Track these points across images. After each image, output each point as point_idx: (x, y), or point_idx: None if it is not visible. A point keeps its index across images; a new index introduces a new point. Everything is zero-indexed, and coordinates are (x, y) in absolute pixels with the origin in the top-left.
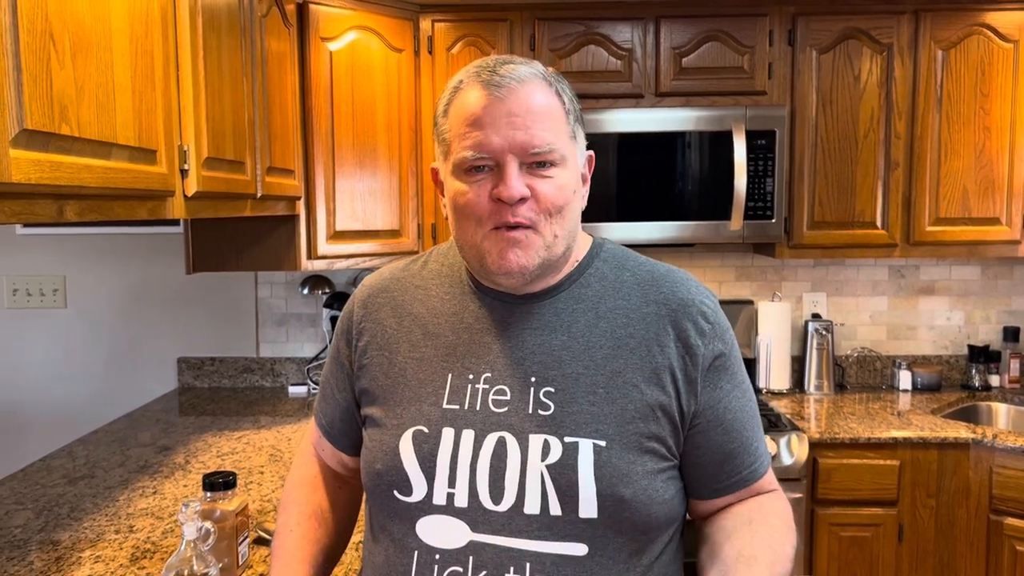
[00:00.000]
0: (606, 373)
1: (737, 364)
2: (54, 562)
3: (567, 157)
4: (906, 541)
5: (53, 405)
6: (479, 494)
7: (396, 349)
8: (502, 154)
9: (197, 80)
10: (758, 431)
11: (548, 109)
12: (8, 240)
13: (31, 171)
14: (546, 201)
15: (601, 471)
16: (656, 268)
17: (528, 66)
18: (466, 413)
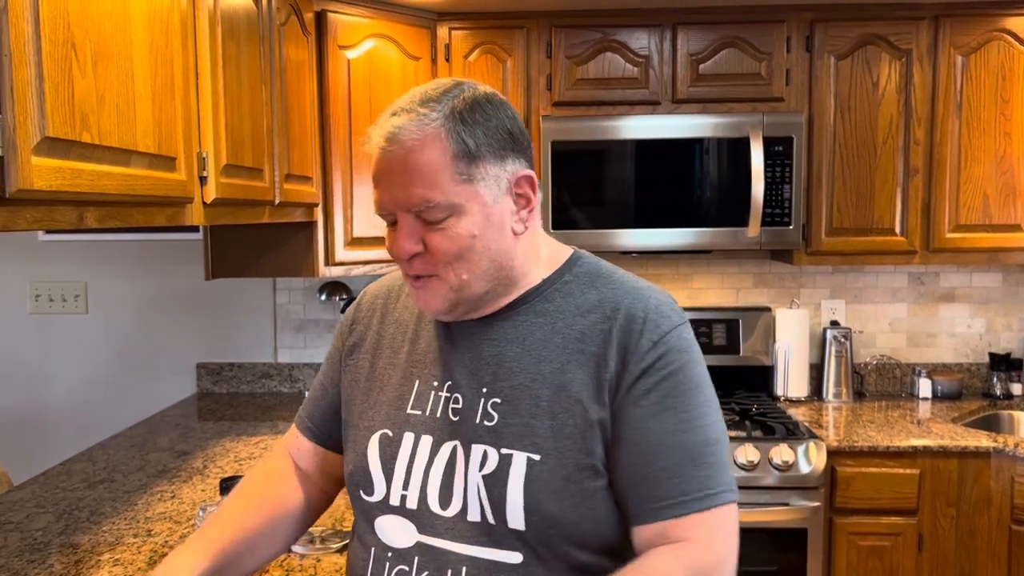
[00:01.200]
0: (552, 387)
1: (679, 389)
2: (73, 565)
3: (458, 204)
4: (926, 551)
5: (74, 409)
6: (428, 498)
7: (379, 354)
8: (394, 210)
9: (216, 88)
10: (699, 468)
11: (425, 163)
12: (31, 246)
13: (52, 178)
14: (438, 253)
15: (531, 485)
16: (625, 284)
17: (413, 115)
18: (426, 419)
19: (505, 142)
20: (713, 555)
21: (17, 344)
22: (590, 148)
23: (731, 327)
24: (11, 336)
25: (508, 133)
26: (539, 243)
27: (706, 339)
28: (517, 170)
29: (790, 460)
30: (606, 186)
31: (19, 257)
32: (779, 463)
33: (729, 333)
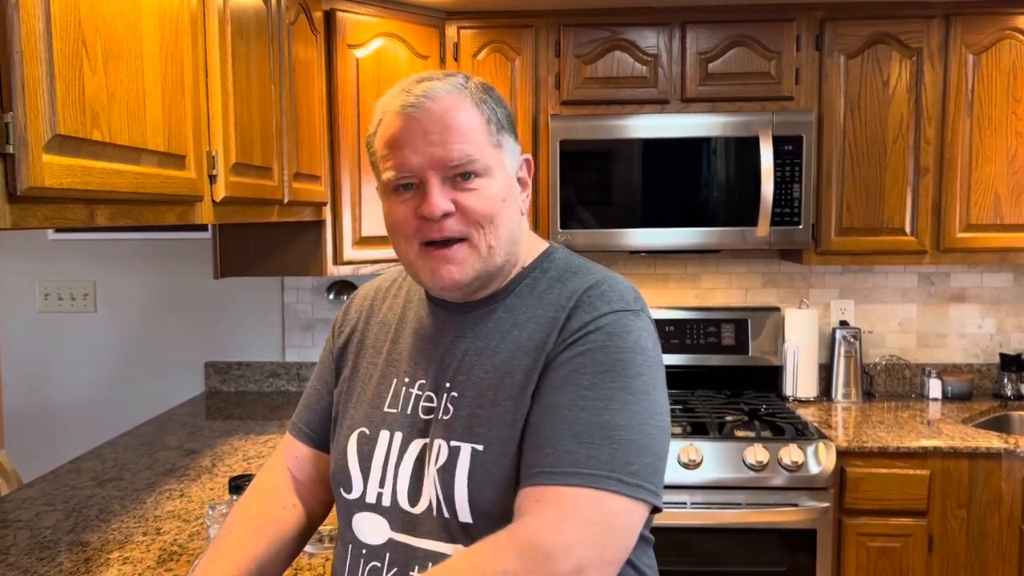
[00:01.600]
0: (499, 376)
1: (591, 367)
2: (83, 563)
3: (491, 167)
4: (936, 552)
5: (82, 408)
6: (398, 495)
7: (362, 354)
8: (423, 172)
9: (226, 86)
10: (581, 446)
11: (464, 122)
12: (40, 245)
13: (63, 176)
14: (473, 213)
15: (474, 475)
16: (591, 278)
17: (444, 81)
18: (399, 417)
19: (512, 126)
20: (557, 536)
21: (26, 343)
22: (599, 147)
23: (740, 327)
24: (20, 335)
25: (512, 118)
26: (527, 232)
27: (715, 339)
28: (521, 151)
29: (799, 460)
30: (614, 185)
31: (28, 256)
32: (788, 463)
33: (738, 333)
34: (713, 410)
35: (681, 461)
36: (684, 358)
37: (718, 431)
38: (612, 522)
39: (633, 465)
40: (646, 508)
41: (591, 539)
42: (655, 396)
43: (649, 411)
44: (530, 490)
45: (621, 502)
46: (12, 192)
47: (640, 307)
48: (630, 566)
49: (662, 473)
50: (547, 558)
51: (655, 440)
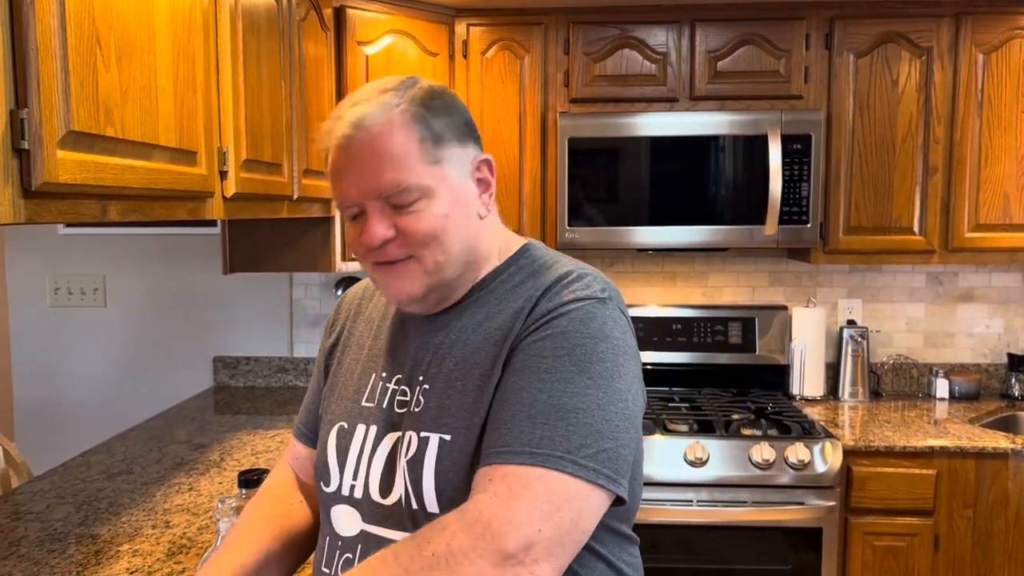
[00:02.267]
0: (467, 366)
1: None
2: (93, 555)
3: (429, 186)
4: (942, 551)
5: (92, 402)
6: (370, 487)
7: (346, 351)
8: (361, 202)
9: (237, 83)
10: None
11: (394, 147)
12: (50, 240)
13: (77, 172)
14: (414, 236)
15: (441, 465)
16: (561, 269)
17: (374, 103)
18: (375, 411)
19: (463, 128)
20: (504, 513)
21: (37, 337)
22: (607, 145)
23: (747, 325)
24: (31, 329)
25: (463, 120)
26: (497, 232)
27: (722, 337)
28: (477, 153)
29: (806, 459)
30: (623, 183)
31: (39, 251)
32: (795, 462)
33: (745, 331)
34: (720, 408)
35: (688, 459)
36: (691, 356)
37: (724, 429)
38: (564, 503)
39: (589, 448)
40: (605, 495)
41: (541, 517)
42: (619, 384)
43: (610, 397)
44: (483, 470)
45: (575, 484)
46: (27, 187)
47: (607, 296)
48: (607, 565)
49: (625, 461)
50: (494, 534)
51: (616, 427)
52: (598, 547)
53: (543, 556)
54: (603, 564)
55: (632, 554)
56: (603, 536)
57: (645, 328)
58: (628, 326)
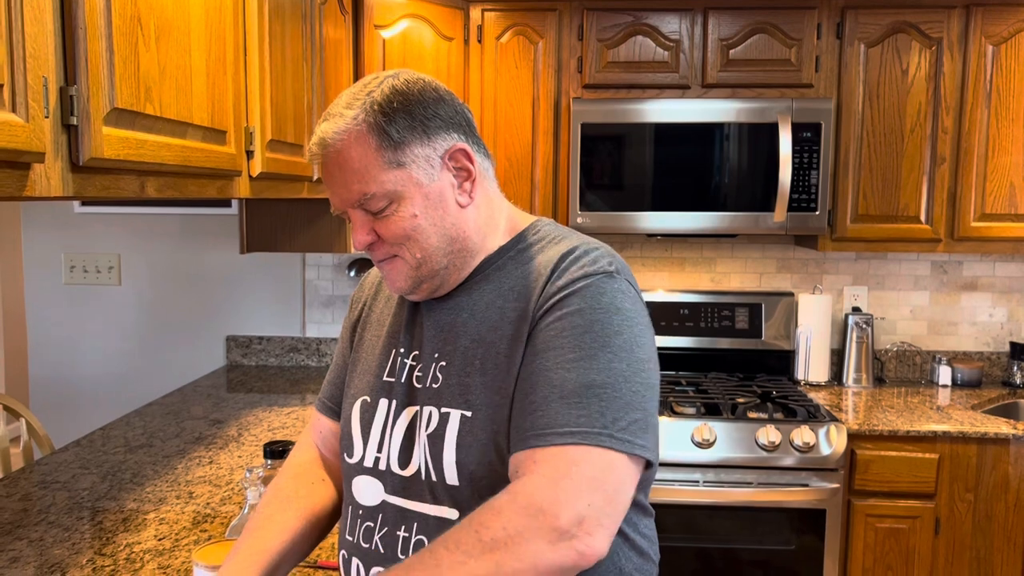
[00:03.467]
0: (485, 344)
1: (570, 330)
2: (121, 522)
3: (395, 191)
4: (943, 534)
5: (105, 379)
6: (391, 459)
7: (368, 327)
8: (343, 209)
9: (263, 65)
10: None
11: (354, 161)
12: (66, 218)
13: (120, 148)
14: (389, 237)
15: (462, 440)
16: (567, 245)
17: (337, 120)
18: (396, 385)
19: (430, 122)
20: (554, 493)
21: (52, 314)
22: (619, 131)
23: (753, 311)
24: (46, 306)
25: (433, 113)
26: (496, 212)
27: (728, 322)
28: (449, 145)
29: (811, 442)
30: (634, 168)
31: (54, 228)
32: (800, 444)
33: (752, 317)
34: (726, 392)
35: (695, 440)
36: (698, 340)
37: (731, 412)
38: (607, 476)
39: (622, 421)
40: (639, 463)
41: (588, 492)
42: (638, 353)
43: (633, 368)
44: (525, 452)
45: (614, 457)
46: (75, 162)
47: (615, 269)
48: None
49: (653, 429)
50: (547, 513)
51: (643, 397)
52: None
53: (594, 527)
54: (619, 537)
55: (648, 526)
56: None
57: (653, 313)
58: (638, 296)
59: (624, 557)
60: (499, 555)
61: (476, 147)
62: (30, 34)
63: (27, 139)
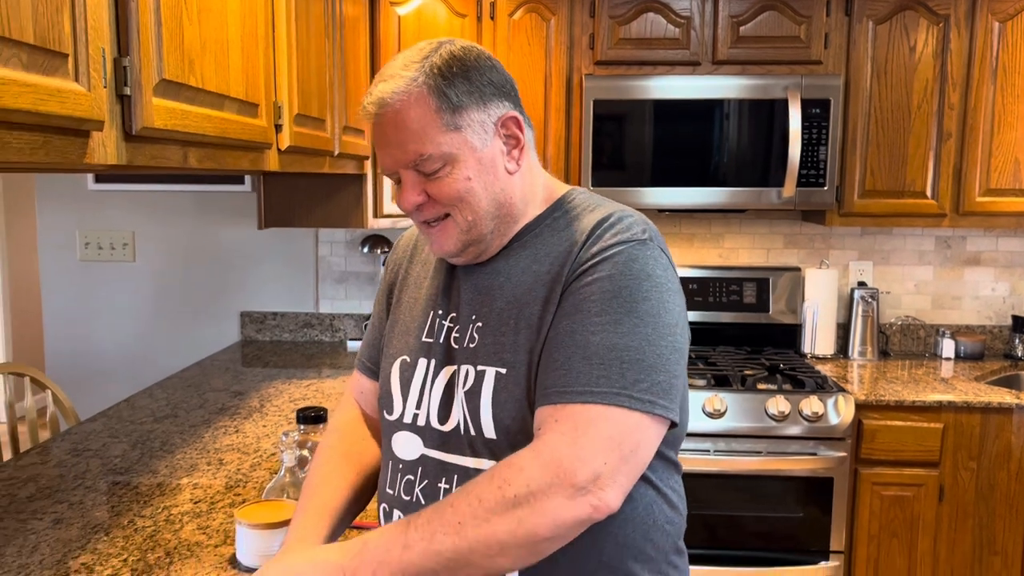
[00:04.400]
0: (519, 305)
1: (599, 295)
2: (156, 487)
3: (450, 153)
4: (947, 502)
5: (120, 354)
6: (431, 415)
7: (405, 290)
8: (396, 170)
9: (290, 40)
10: (591, 366)
11: (412, 121)
12: (81, 194)
13: (168, 118)
14: (441, 199)
15: (497, 396)
16: (603, 213)
17: (396, 80)
18: (434, 346)
19: (486, 88)
20: (574, 449)
21: (67, 290)
22: (631, 107)
23: (761, 286)
24: (61, 282)
25: (488, 80)
26: (536, 181)
27: (737, 297)
28: (502, 112)
29: (820, 412)
30: (644, 144)
31: (69, 205)
32: (808, 414)
33: (759, 292)
34: (735, 364)
35: (705, 411)
36: (707, 315)
37: (741, 383)
38: (625, 435)
39: (644, 383)
40: (661, 423)
41: (606, 451)
42: (665, 319)
43: (658, 332)
44: (548, 409)
45: (633, 416)
46: (128, 131)
47: (647, 237)
48: (655, 490)
49: (676, 390)
50: (566, 471)
51: (666, 359)
52: (648, 473)
53: (609, 484)
54: (652, 490)
55: (677, 481)
56: (654, 463)
57: None
58: (669, 264)
59: (657, 509)
60: (521, 511)
61: (523, 116)
62: (91, 7)
63: (89, 107)
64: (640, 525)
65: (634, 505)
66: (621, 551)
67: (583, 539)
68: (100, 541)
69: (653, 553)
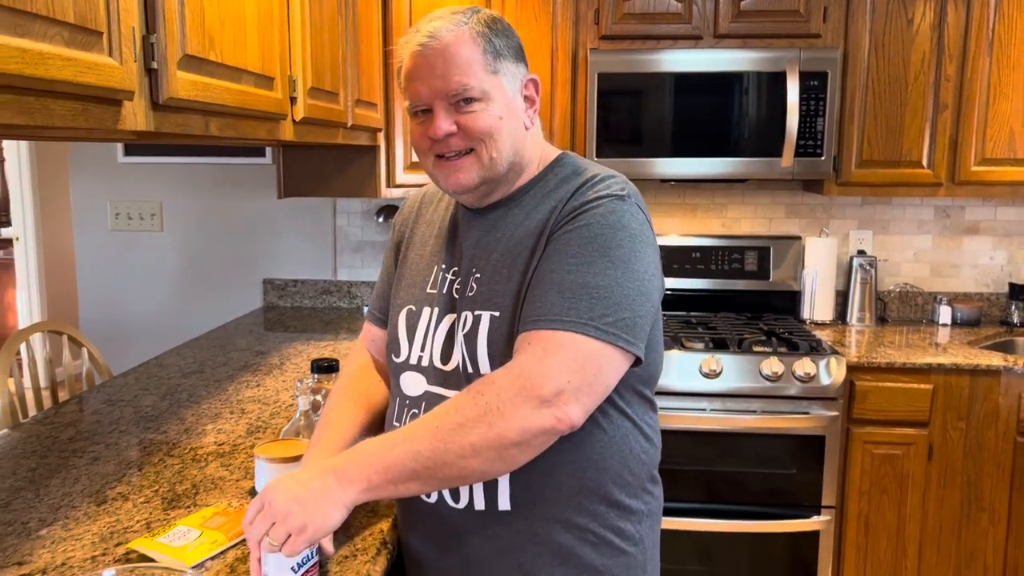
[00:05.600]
0: (511, 256)
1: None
2: (184, 432)
3: (488, 91)
4: (936, 460)
5: (150, 318)
6: (434, 357)
7: (411, 247)
8: (430, 100)
9: (304, 18)
10: (563, 299)
11: (462, 56)
12: (111, 168)
13: (191, 90)
14: (472, 131)
15: (492, 336)
16: (590, 174)
17: (448, 20)
18: (437, 296)
19: (518, 50)
20: (542, 367)
21: (99, 258)
22: (634, 80)
23: (762, 254)
24: (93, 251)
25: (517, 44)
26: (538, 144)
27: (738, 265)
28: (526, 73)
29: (812, 372)
30: (648, 117)
31: (101, 177)
32: (801, 375)
33: (760, 260)
34: (734, 328)
35: (702, 371)
36: (708, 282)
37: (737, 346)
38: (588, 361)
39: (609, 317)
40: (623, 355)
41: (569, 371)
42: (635, 266)
43: (627, 276)
44: (523, 335)
45: (597, 345)
46: (155, 101)
47: (626, 194)
48: (631, 422)
49: (641, 329)
50: (534, 384)
51: (632, 300)
52: (624, 407)
53: (571, 400)
54: (629, 422)
55: (652, 418)
56: (629, 397)
57: (666, 256)
58: (645, 219)
59: (633, 439)
60: (491, 417)
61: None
62: None
63: (121, 79)
64: (617, 453)
65: (612, 435)
66: (601, 475)
67: (566, 465)
68: (134, 475)
69: (630, 479)
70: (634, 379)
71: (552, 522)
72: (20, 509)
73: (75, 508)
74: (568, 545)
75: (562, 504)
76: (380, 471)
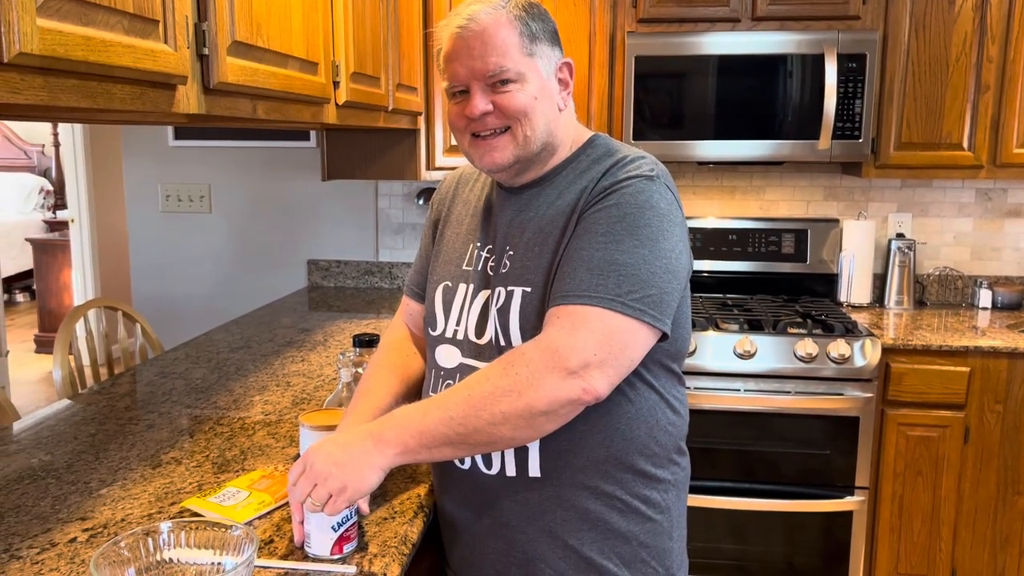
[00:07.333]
0: (543, 235)
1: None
2: (233, 402)
3: (524, 73)
4: (971, 443)
5: (200, 297)
6: (469, 330)
7: (448, 225)
8: (468, 81)
9: (347, 5)
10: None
11: (499, 39)
12: (162, 151)
13: (240, 74)
14: (508, 110)
15: (524, 311)
16: (621, 156)
17: (487, 4)
18: (472, 273)
19: (553, 34)
20: (569, 341)
21: (151, 239)
22: (672, 64)
23: (800, 237)
24: (145, 231)
25: (553, 28)
26: (571, 126)
27: (775, 247)
28: (561, 57)
29: (847, 354)
30: (687, 100)
31: (152, 161)
32: (836, 356)
33: (798, 243)
34: (769, 311)
35: (737, 352)
36: (745, 265)
37: (772, 327)
38: (614, 335)
39: (636, 294)
40: (650, 331)
41: (596, 345)
42: (662, 244)
43: (654, 254)
44: (552, 310)
45: (623, 320)
46: (207, 85)
47: (655, 174)
48: (658, 395)
49: (668, 305)
50: (560, 356)
51: (659, 278)
52: (652, 380)
53: (596, 372)
54: (655, 395)
55: (680, 392)
56: (656, 371)
57: (703, 239)
58: (674, 199)
59: (660, 411)
60: (521, 386)
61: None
62: None
63: (176, 65)
64: (644, 424)
65: (638, 406)
66: (628, 445)
67: (594, 435)
68: (186, 442)
69: (657, 449)
70: (661, 353)
71: (580, 488)
72: (82, 470)
73: (132, 470)
74: (596, 511)
75: (590, 472)
76: (415, 435)
